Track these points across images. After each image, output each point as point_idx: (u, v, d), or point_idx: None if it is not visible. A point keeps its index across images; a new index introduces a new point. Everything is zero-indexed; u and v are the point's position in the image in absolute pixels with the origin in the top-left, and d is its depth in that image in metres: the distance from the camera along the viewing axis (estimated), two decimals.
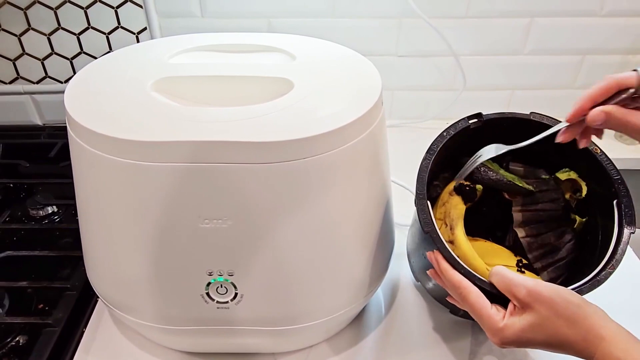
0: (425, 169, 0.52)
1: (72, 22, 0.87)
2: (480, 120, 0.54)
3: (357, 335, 0.61)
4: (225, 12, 0.86)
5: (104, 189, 0.47)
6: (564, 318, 0.41)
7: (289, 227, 0.46)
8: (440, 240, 0.48)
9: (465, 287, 0.45)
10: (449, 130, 0.54)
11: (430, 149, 0.53)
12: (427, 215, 0.49)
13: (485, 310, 0.44)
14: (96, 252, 0.53)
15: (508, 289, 0.44)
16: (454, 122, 0.54)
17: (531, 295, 0.42)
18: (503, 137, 0.53)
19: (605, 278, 0.47)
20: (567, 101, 0.97)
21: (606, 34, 0.90)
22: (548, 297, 0.41)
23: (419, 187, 0.51)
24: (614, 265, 0.48)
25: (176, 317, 0.52)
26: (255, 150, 0.42)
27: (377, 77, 0.52)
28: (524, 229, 0.58)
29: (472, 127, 0.54)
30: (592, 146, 0.52)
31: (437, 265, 0.48)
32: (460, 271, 0.47)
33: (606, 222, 0.52)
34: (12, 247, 0.70)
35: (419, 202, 0.50)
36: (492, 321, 0.44)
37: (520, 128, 0.53)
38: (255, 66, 0.54)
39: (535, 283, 0.42)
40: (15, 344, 0.59)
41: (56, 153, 0.88)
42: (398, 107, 0.98)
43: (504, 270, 0.45)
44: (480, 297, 0.45)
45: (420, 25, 0.85)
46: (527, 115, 0.54)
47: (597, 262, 0.49)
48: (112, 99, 0.48)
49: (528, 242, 0.57)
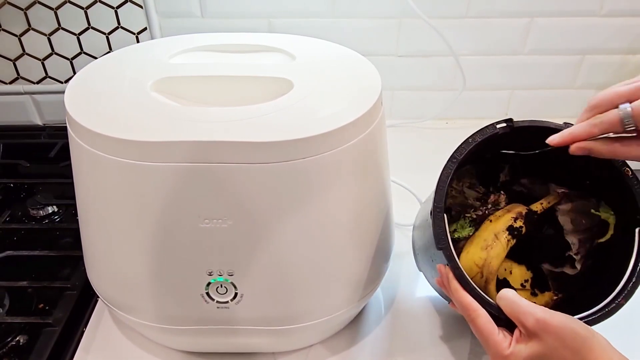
0: (445, 179, 0.48)
1: (72, 22, 0.87)
2: (509, 125, 0.49)
3: (357, 335, 0.61)
4: (225, 12, 0.86)
5: (104, 189, 0.47)
6: (570, 349, 0.40)
7: (288, 227, 0.46)
8: (454, 259, 0.46)
9: (475, 309, 0.45)
10: (475, 137, 0.49)
11: (453, 157, 0.48)
12: (443, 230, 0.47)
13: (492, 337, 0.43)
14: (96, 251, 0.53)
15: (516, 315, 0.43)
16: (481, 128, 0.49)
17: (539, 325, 0.41)
18: (528, 145, 0.51)
19: (615, 310, 0.45)
20: (567, 101, 0.98)
21: (606, 34, 0.90)
22: (556, 328, 0.41)
23: (437, 198, 0.47)
24: (625, 297, 0.46)
25: (176, 316, 0.52)
26: (255, 150, 0.42)
27: (377, 77, 0.52)
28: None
29: (500, 133, 0.49)
30: (625, 167, 0.47)
31: (446, 282, 0.47)
32: (470, 292, 0.45)
33: (624, 245, 0.48)
34: (13, 247, 0.70)
35: (436, 216, 0.47)
36: (499, 348, 0.43)
37: (546, 137, 0.48)
38: (255, 66, 0.54)
39: (544, 312, 0.42)
40: (16, 344, 0.59)
41: (56, 153, 0.88)
42: (398, 107, 0.98)
43: (512, 296, 0.44)
44: (488, 323, 0.44)
45: (420, 25, 0.85)
46: (560, 126, 0.48)
47: (608, 286, 0.47)
48: (112, 99, 0.48)
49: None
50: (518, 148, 0.54)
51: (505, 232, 0.51)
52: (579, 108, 1.06)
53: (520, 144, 0.52)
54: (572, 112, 0.99)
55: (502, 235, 0.51)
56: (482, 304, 0.45)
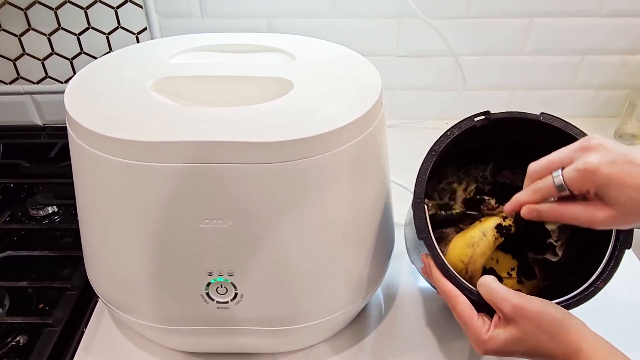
0: (425, 171, 0.50)
1: (72, 22, 0.87)
2: (487, 118, 0.51)
3: (357, 335, 0.61)
4: (225, 12, 0.86)
5: (104, 189, 0.47)
6: (547, 333, 0.42)
7: (288, 227, 0.46)
8: (434, 247, 0.48)
9: (455, 296, 0.47)
10: (452, 130, 0.51)
11: (432, 149, 0.50)
12: (423, 220, 0.49)
13: (472, 322, 0.45)
14: (96, 252, 0.53)
15: (493, 301, 0.45)
16: (459, 122, 0.51)
17: (515, 311, 0.43)
18: (511, 138, 0.52)
19: (594, 294, 0.47)
20: (567, 101, 0.98)
21: (606, 34, 0.90)
22: (532, 313, 0.43)
23: (417, 190, 0.49)
24: (604, 280, 0.47)
25: (176, 317, 0.52)
26: (255, 150, 0.42)
27: (377, 77, 0.52)
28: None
29: (478, 126, 0.51)
30: None
31: (429, 270, 0.49)
32: (450, 280, 0.47)
33: (605, 231, 0.49)
34: (13, 247, 0.70)
35: (416, 206, 0.49)
36: (477, 333, 0.45)
37: (529, 129, 0.51)
38: (255, 66, 0.54)
39: (520, 298, 0.43)
40: (16, 344, 0.59)
41: (56, 153, 0.88)
42: (398, 107, 0.98)
43: (491, 282, 0.46)
44: (467, 308, 0.46)
45: (420, 25, 0.85)
46: (537, 116, 0.51)
47: (587, 270, 0.48)
48: (112, 99, 0.48)
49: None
50: (498, 140, 0.54)
51: (494, 230, 0.52)
52: (579, 108, 1.07)
53: (499, 136, 0.53)
54: (572, 112, 0.99)
55: (489, 233, 0.52)
56: (462, 290, 0.47)
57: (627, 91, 0.97)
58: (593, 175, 0.40)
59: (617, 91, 0.97)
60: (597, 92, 0.97)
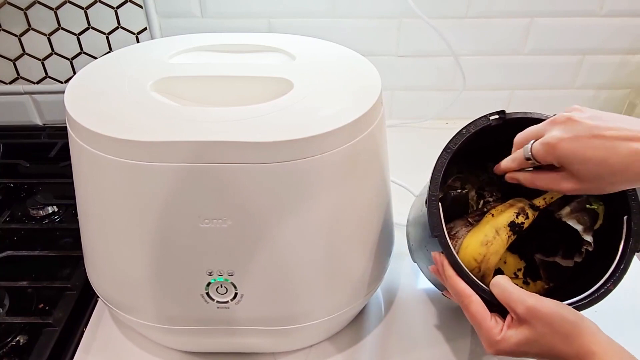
0: (440, 168, 0.49)
1: (72, 22, 0.87)
2: (502, 117, 0.51)
3: (357, 335, 0.61)
4: (225, 12, 0.86)
5: (104, 189, 0.47)
6: (560, 335, 0.42)
7: (288, 227, 0.46)
8: (448, 246, 0.47)
9: (468, 296, 0.46)
10: (468, 128, 0.51)
11: (448, 147, 0.50)
12: (438, 219, 0.48)
13: (485, 322, 0.45)
14: (96, 252, 0.53)
15: (507, 302, 0.45)
16: (474, 120, 0.51)
17: (529, 312, 0.43)
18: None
19: (604, 295, 0.47)
20: (567, 101, 0.98)
21: (606, 34, 0.90)
22: (545, 314, 0.42)
23: (432, 187, 0.49)
24: (614, 282, 0.47)
25: (176, 316, 0.52)
26: (255, 150, 0.42)
27: (377, 77, 0.52)
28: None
29: (493, 125, 0.51)
30: None
31: (441, 269, 0.48)
32: (464, 279, 0.46)
33: (613, 233, 0.50)
34: (13, 247, 0.70)
35: (431, 205, 0.48)
36: (490, 333, 0.44)
37: None
38: (255, 66, 0.54)
39: (534, 299, 0.43)
40: (16, 344, 0.59)
41: (56, 153, 0.88)
42: (398, 107, 0.98)
43: (504, 283, 0.45)
44: (480, 308, 0.46)
45: (420, 25, 0.85)
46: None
47: (598, 273, 0.48)
48: (112, 99, 0.48)
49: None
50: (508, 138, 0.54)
51: (507, 228, 0.51)
52: None
53: (513, 136, 0.52)
54: None
55: (503, 231, 0.51)
56: (475, 290, 0.46)
57: (627, 91, 0.97)
58: (553, 149, 0.43)
59: (617, 91, 0.97)
60: (597, 92, 0.97)
